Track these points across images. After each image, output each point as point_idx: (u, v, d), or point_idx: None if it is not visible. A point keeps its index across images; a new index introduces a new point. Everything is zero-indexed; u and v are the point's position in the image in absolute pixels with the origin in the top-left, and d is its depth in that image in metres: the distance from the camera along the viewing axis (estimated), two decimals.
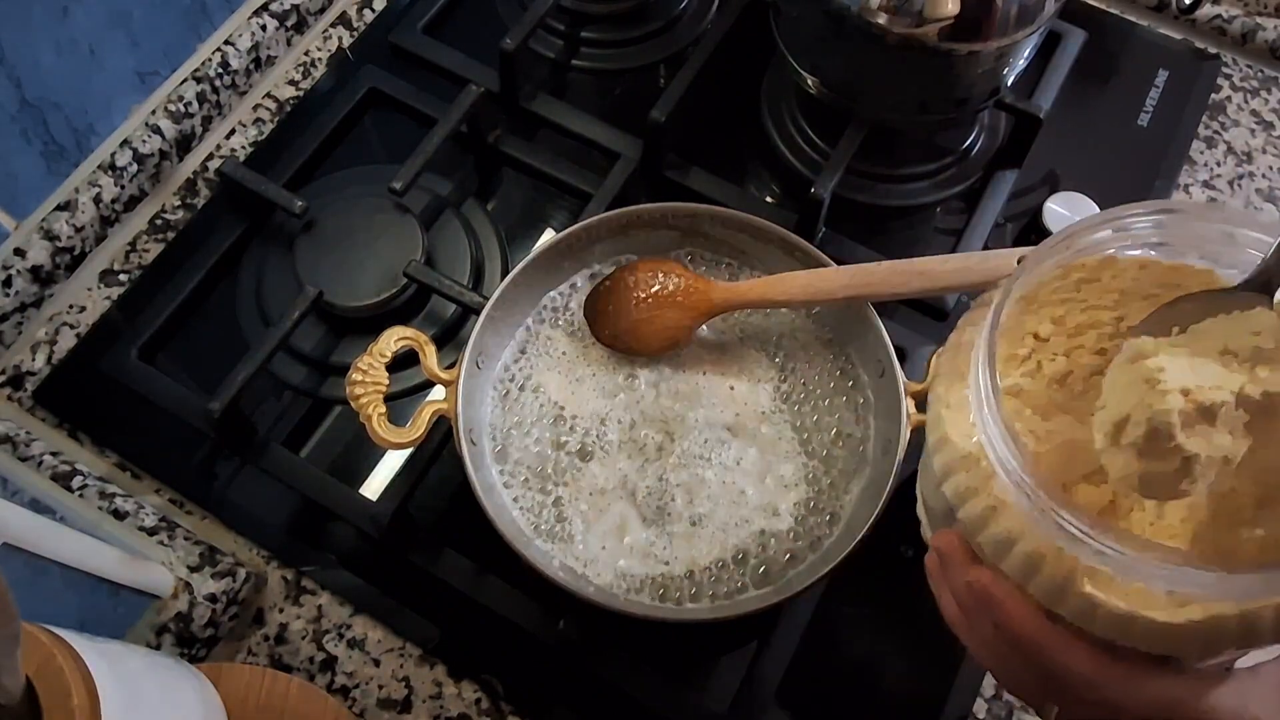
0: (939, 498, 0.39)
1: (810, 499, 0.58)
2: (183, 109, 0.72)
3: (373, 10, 0.82)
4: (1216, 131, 0.79)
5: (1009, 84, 0.68)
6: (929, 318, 0.69)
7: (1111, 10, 0.84)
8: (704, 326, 0.62)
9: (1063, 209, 0.70)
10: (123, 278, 0.70)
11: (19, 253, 0.65)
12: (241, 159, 0.74)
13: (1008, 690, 0.55)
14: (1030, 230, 0.72)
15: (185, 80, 0.73)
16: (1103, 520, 0.33)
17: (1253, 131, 0.79)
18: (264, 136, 0.76)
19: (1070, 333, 0.41)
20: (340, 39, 0.81)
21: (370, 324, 0.66)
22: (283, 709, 0.55)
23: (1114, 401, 0.35)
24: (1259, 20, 0.81)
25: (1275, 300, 0.36)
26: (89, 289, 0.70)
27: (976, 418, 0.36)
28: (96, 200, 0.68)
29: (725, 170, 0.74)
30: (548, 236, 0.71)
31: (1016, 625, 0.36)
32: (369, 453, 0.65)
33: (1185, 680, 0.35)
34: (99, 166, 0.69)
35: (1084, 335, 0.41)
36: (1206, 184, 0.76)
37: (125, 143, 0.70)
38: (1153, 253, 0.39)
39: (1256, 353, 0.34)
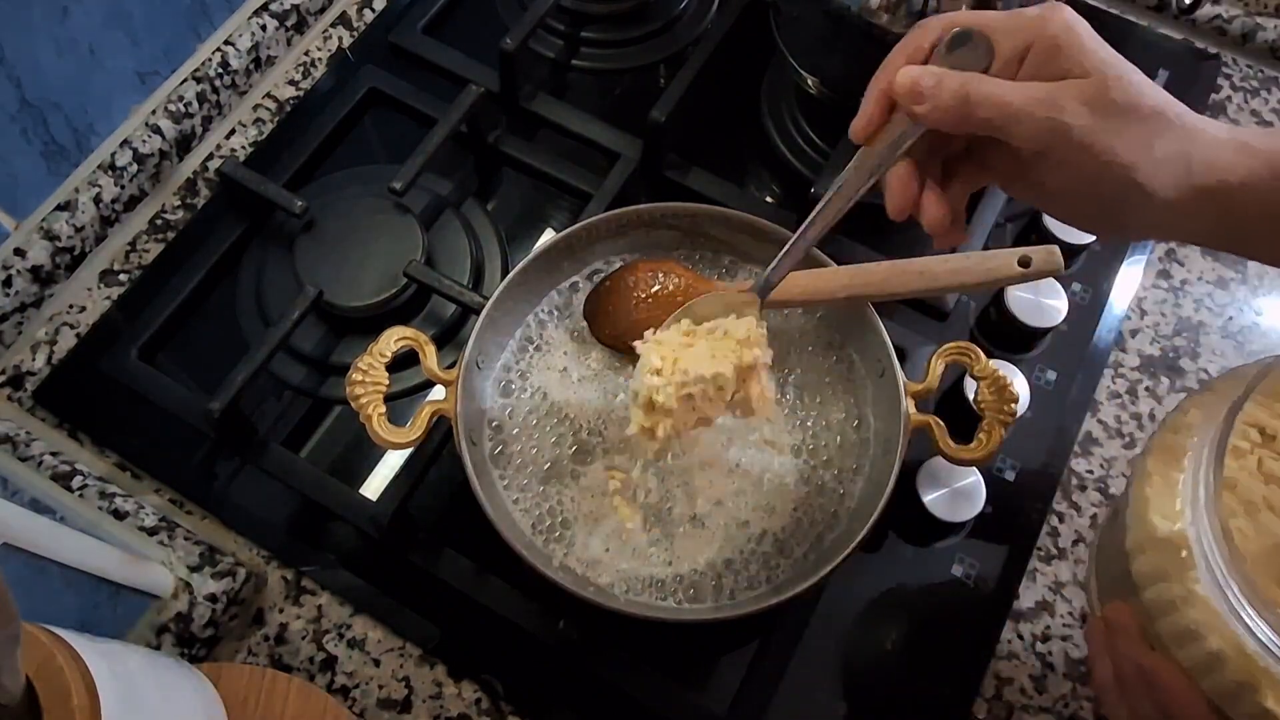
0: (1120, 570, 0.38)
1: (810, 499, 0.58)
2: (183, 109, 0.72)
3: (373, 10, 0.82)
4: None
5: None
6: (929, 318, 0.69)
7: (1111, 10, 0.84)
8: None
9: None
10: (123, 278, 0.70)
11: (19, 253, 0.65)
12: (241, 159, 0.74)
13: None
14: (1030, 230, 0.72)
15: (185, 80, 0.73)
16: None
17: None
18: (264, 136, 0.76)
19: None
20: (340, 39, 0.81)
21: (370, 324, 0.66)
22: (283, 709, 0.55)
23: None
24: (1259, 20, 0.81)
25: None
26: (89, 289, 0.70)
27: (1188, 508, 0.35)
28: (96, 200, 0.68)
29: (725, 170, 0.74)
30: (548, 236, 0.71)
31: (1179, 715, 0.36)
32: (369, 453, 0.65)
33: None
34: (99, 166, 0.69)
35: None
36: None
37: (125, 143, 0.70)
38: None
39: None
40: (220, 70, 0.74)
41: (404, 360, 0.59)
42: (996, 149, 0.45)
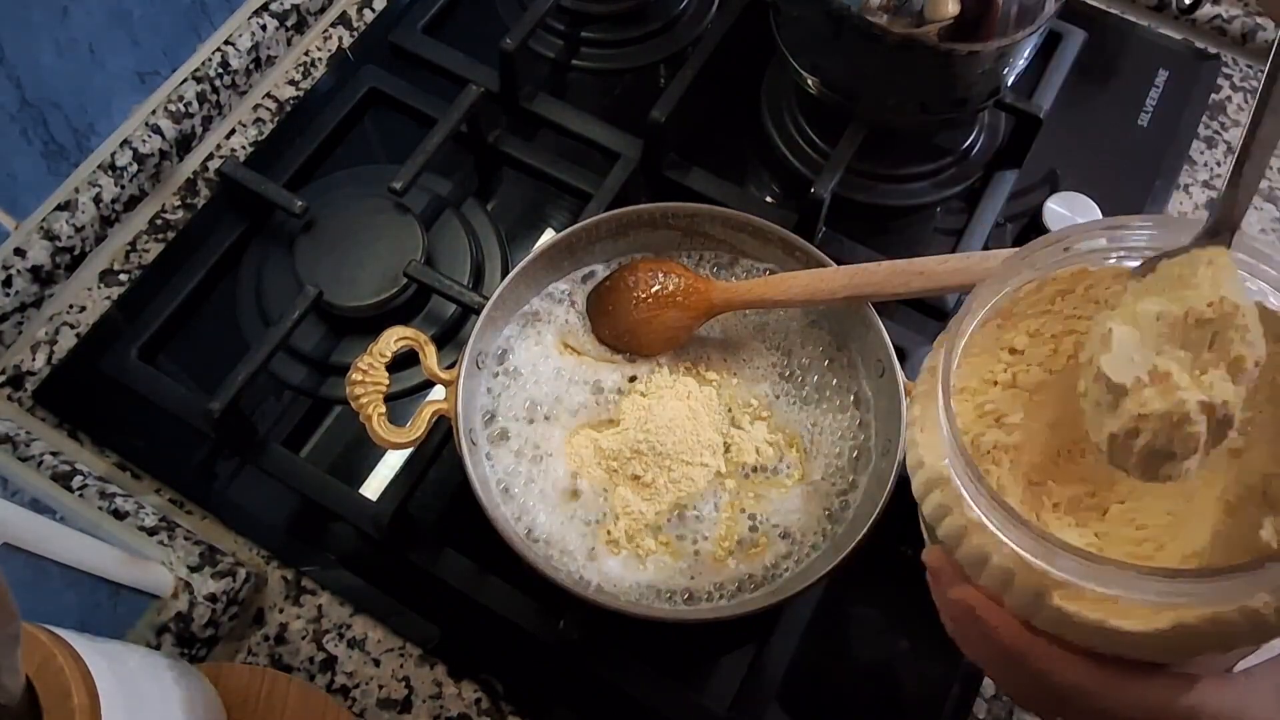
0: (923, 514, 0.40)
1: (810, 499, 0.58)
2: (183, 109, 0.72)
3: (373, 10, 0.82)
4: (1216, 131, 0.79)
5: (1009, 84, 0.68)
6: (929, 318, 0.69)
7: (1111, 10, 0.84)
8: (704, 326, 0.62)
9: (1063, 209, 0.70)
10: (123, 278, 0.70)
11: (19, 253, 0.65)
12: (241, 159, 0.74)
13: (1019, 704, 0.56)
14: (1030, 230, 0.72)
15: (185, 80, 0.73)
16: (1052, 537, 0.33)
17: None
18: (264, 136, 0.76)
19: (1047, 342, 0.41)
20: (340, 39, 0.81)
21: (370, 324, 0.66)
22: (283, 709, 0.55)
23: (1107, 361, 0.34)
24: (1259, 20, 0.81)
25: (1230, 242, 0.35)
26: (89, 289, 0.70)
27: (944, 441, 0.37)
28: (96, 200, 0.68)
29: (725, 170, 0.74)
30: (548, 236, 0.71)
31: (1001, 638, 0.37)
32: (369, 453, 0.65)
33: (1172, 682, 0.34)
34: (99, 166, 0.69)
35: (1061, 342, 0.41)
36: (1206, 184, 0.76)
37: (125, 143, 0.70)
38: (1129, 262, 0.39)
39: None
40: (220, 70, 0.74)
41: (404, 360, 0.59)
42: None
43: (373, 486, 0.63)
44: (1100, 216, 0.70)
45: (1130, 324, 0.36)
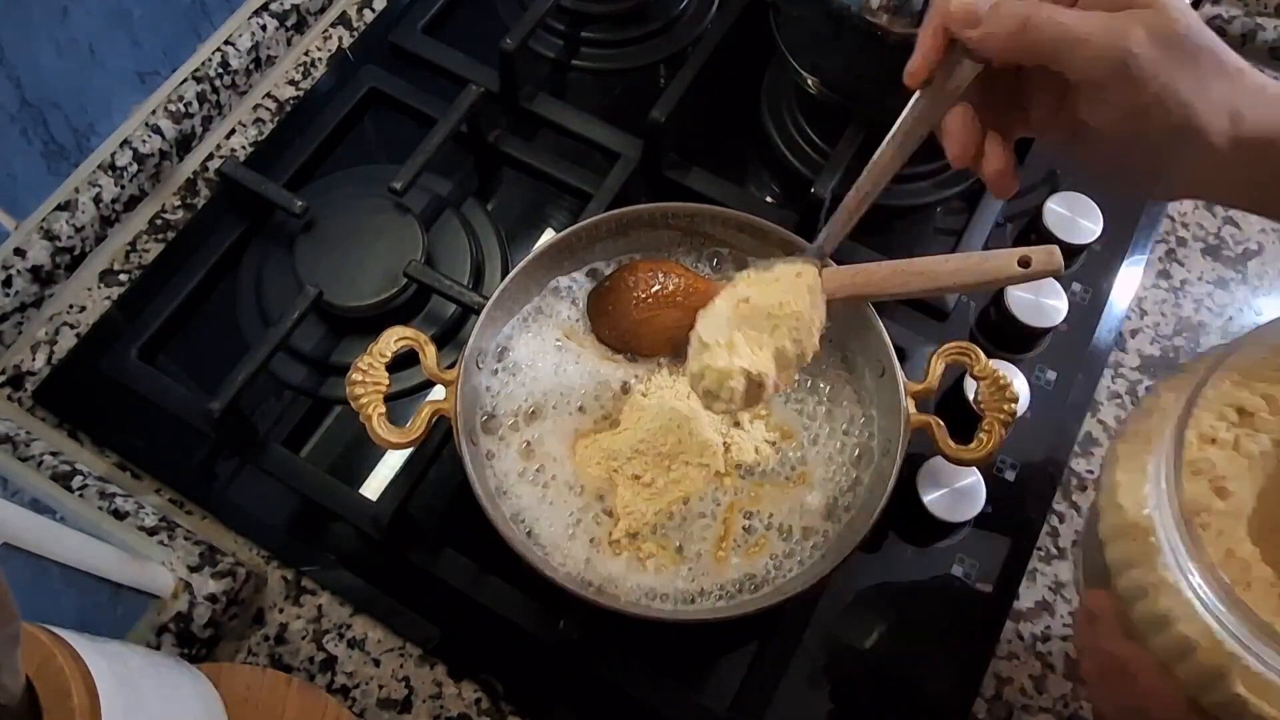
0: (1097, 558, 0.38)
1: (810, 499, 0.58)
2: (183, 109, 0.72)
3: (373, 10, 0.82)
4: None
5: None
6: (929, 318, 0.69)
7: None
8: None
9: (1063, 209, 0.70)
10: (123, 278, 0.70)
11: (19, 253, 0.65)
12: (241, 159, 0.74)
13: None
14: (1030, 230, 0.72)
15: (185, 80, 0.73)
16: (1270, 630, 0.31)
17: None
18: (264, 136, 0.76)
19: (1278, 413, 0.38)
20: (340, 39, 0.81)
21: (370, 324, 0.66)
22: (283, 709, 0.55)
23: None
24: (1259, 20, 0.81)
25: None
26: (89, 289, 0.70)
27: (1153, 491, 0.35)
28: (96, 200, 0.68)
29: (725, 170, 0.74)
30: (548, 236, 0.71)
31: (1153, 710, 0.35)
32: (369, 453, 0.65)
33: None
34: (99, 166, 0.69)
35: None
36: None
37: (125, 143, 0.70)
38: None
39: None
40: (220, 70, 0.74)
41: (404, 360, 0.59)
42: (1039, 85, 0.44)
43: (373, 486, 0.63)
44: (1100, 217, 0.70)
45: (728, 301, 0.51)
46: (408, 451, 0.62)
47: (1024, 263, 0.54)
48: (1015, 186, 0.47)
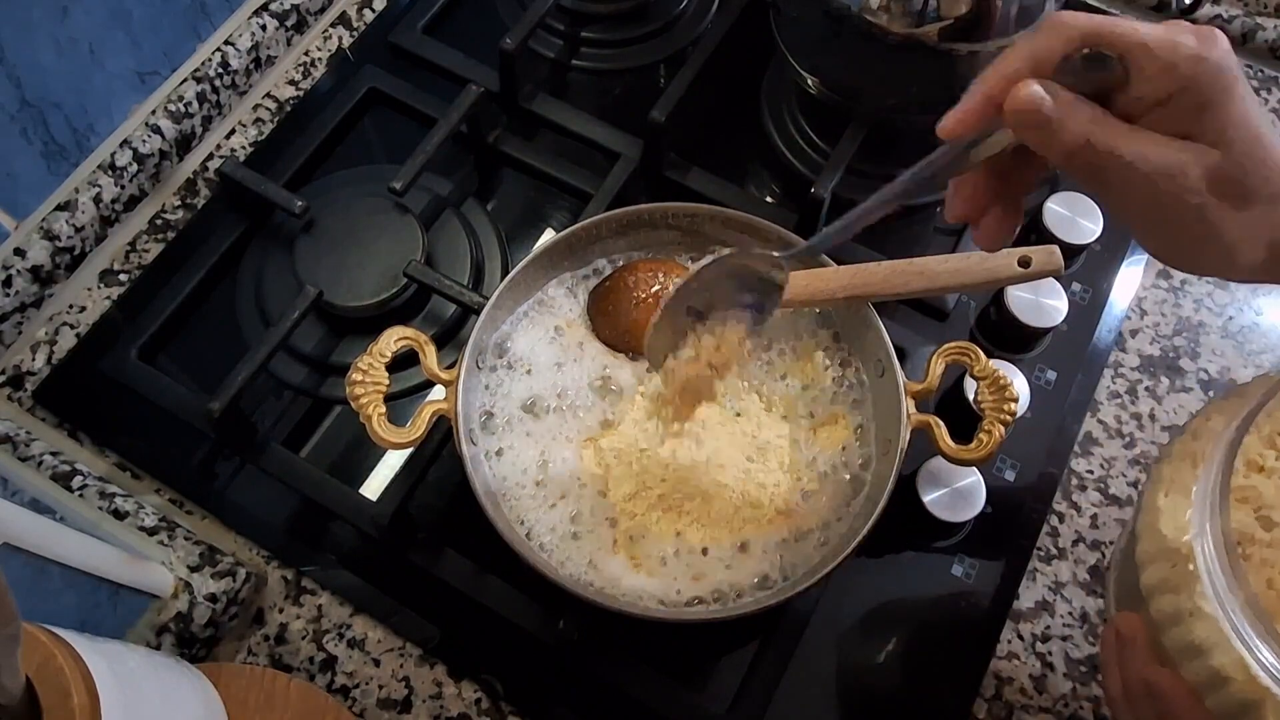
0: (1132, 579, 0.37)
1: (810, 499, 0.58)
2: (183, 109, 0.72)
3: (373, 10, 0.82)
4: None
5: None
6: (929, 318, 0.69)
7: (1112, 10, 0.84)
8: None
9: (1063, 209, 0.70)
10: (123, 278, 0.70)
11: (19, 253, 0.65)
12: (241, 159, 0.74)
13: None
14: (1030, 230, 0.72)
15: (185, 80, 0.73)
16: None
17: None
18: (264, 136, 0.76)
19: None
20: (340, 39, 0.81)
21: (370, 324, 0.66)
22: (283, 709, 0.55)
23: None
24: (1259, 20, 0.81)
25: None
26: (89, 289, 0.70)
27: (1196, 518, 0.34)
28: (96, 200, 0.68)
29: (725, 170, 0.74)
30: (548, 236, 0.71)
31: None
32: (369, 453, 0.65)
33: None
34: (99, 166, 0.69)
35: None
36: None
37: (125, 143, 0.70)
38: None
39: None
40: (220, 70, 0.74)
41: (404, 360, 0.59)
42: None
43: (373, 486, 0.63)
44: (1100, 217, 0.70)
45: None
46: (408, 451, 0.62)
47: (1024, 263, 0.54)
48: (1006, 245, 0.45)
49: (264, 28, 0.76)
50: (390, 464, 0.64)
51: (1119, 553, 0.42)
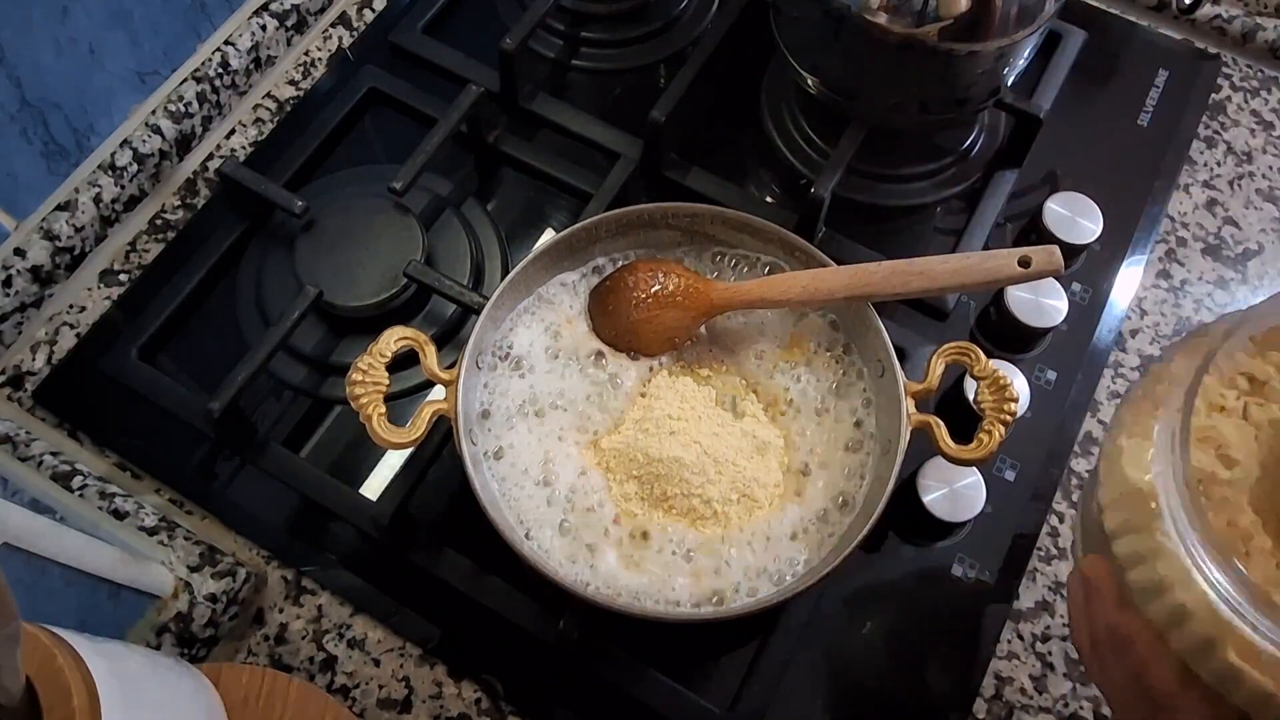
0: (1096, 524, 0.37)
1: (809, 499, 0.58)
2: (183, 109, 0.72)
3: (373, 10, 0.82)
4: (1216, 131, 0.79)
5: (1009, 84, 0.68)
6: (929, 318, 0.69)
7: (1111, 10, 0.84)
8: (704, 326, 0.62)
9: (1063, 209, 0.70)
10: (123, 278, 0.70)
11: (19, 253, 0.65)
12: (241, 159, 0.74)
13: None
14: (1030, 230, 0.72)
15: (185, 80, 0.73)
16: (1266, 598, 0.31)
17: (1253, 131, 0.79)
18: (264, 136, 0.76)
19: None
20: (340, 39, 0.81)
21: (370, 324, 0.66)
22: (283, 709, 0.55)
23: None
24: (1259, 20, 0.81)
25: None
26: (89, 289, 0.70)
27: (1158, 457, 0.34)
28: (96, 200, 0.68)
29: (725, 170, 0.74)
30: (548, 236, 0.71)
31: (1151, 679, 0.35)
32: (369, 453, 0.65)
33: None
34: (99, 166, 0.69)
35: None
36: (1206, 184, 0.76)
37: (125, 143, 0.70)
38: None
39: None
40: (220, 70, 0.74)
41: (404, 360, 0.59)
42: None
43: (373, 486, 0.63)
44: (1100, 217, 0.70)
45: None
46: (408, 451, 0.62)
47: (1024, 263, 0.54)
48: None
49: (264, 28, 0.76)
50: (390, 464, 0.64)
51: (1083, 500, 0.42)
